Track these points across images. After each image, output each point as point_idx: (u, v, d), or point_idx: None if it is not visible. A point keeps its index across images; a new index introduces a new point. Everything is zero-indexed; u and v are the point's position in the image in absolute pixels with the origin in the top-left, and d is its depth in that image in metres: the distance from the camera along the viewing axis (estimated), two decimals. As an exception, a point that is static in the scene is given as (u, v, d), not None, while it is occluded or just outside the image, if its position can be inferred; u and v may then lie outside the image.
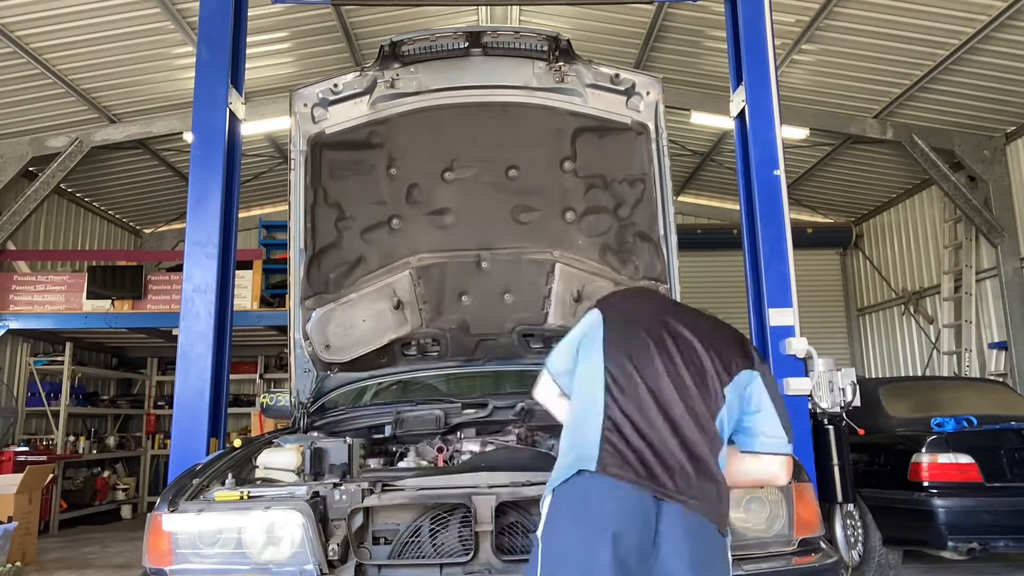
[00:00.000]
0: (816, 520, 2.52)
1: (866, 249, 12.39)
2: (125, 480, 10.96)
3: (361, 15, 7.92)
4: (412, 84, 3.80)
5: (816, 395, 4.02)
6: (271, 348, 11.09)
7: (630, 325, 2.10)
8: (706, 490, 1.88)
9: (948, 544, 4.75)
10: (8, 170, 8.73)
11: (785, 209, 4.33)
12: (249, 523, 2.36)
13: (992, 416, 5.46)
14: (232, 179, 4.31)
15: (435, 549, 2.41)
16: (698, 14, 7.62)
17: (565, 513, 1.85)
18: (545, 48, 3.73)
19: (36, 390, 9.73)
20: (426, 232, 3.93)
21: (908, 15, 7.17)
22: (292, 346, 3.84)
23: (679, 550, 1.79)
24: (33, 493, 7.17)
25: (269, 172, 10.92)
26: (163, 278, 9.52)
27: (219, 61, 4.29)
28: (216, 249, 4.09)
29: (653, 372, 1.99)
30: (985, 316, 9.67)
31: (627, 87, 3.79)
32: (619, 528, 1.77)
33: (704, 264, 11.66)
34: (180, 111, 8.70)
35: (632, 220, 3.91)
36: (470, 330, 4.00)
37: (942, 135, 9.20)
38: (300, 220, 3.76)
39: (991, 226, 9.07)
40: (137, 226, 12.28)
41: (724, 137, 10.14)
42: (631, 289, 3.43)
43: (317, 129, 3.79)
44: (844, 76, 8.39)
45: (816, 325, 10.35)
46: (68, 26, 7.09)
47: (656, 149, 3.83)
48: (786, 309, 4.20)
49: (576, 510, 1.84)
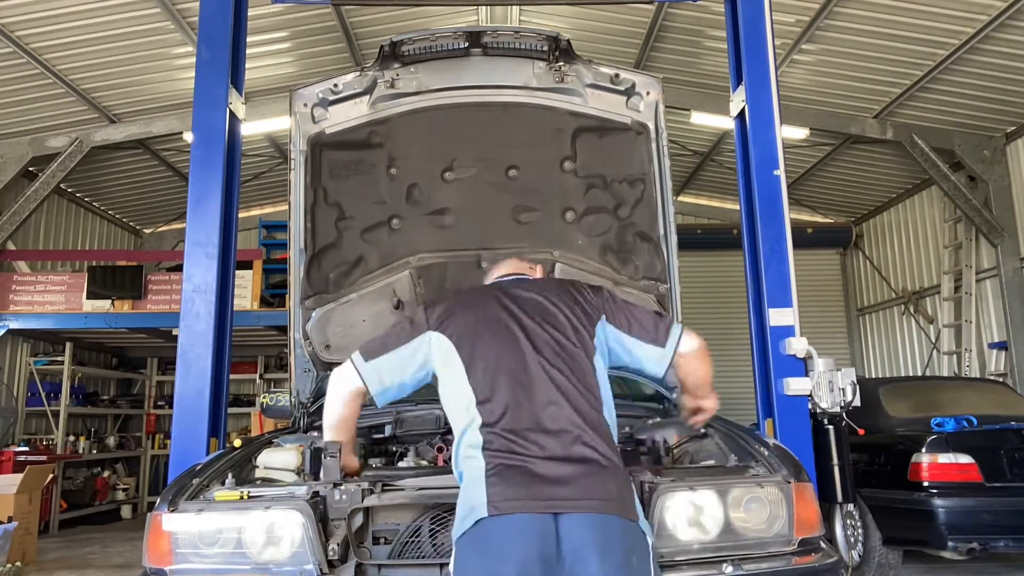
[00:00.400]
0: (816, 520, 2.51)
1: (866, 249, 12.39)
2: (125, 480, 10.96)
3: (361, 15, 7.92)
4: (412, 84, 3.80)
5: (816, 395, 4.02)
6: (271, 348, 11.09)
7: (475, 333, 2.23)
8: (599, 482, 2.00)
9: (948, 544, 4.75)
10: (8, 170, 8.74)
11: (785, 209, 4.33)
12: (249, 523, 2.36)
13: (992, 416, 5.46)
14: (232, 179, 4.30)
15: (435, 549, 2.40)
16: (698, 14, 7.62)
17: (471, 559, 1.96)
18: (545, 48, 3.73)
19: (36, 390, 9.73)
20: (426, 232, 3.93)
21: (908, 15, 7.17)
22: (292, 346, 3.84)
23: (584, 554, 1.90)
24: (33, 493, 7.17)
25: (269, 172, 10.92)
26: (163, 278, 9.53)
27: (219, 61, 4.28)
28: (216, 249, 4.09)
29: (511, 366, 2.13)
30: (985, 316, 9.67)
31: (627, 87, 3.79)
32: (522, 559, 1.89)
33: (704, 264, 11.66)
34: (180, 111, 8.71)
35: (632, 220, 3.91)
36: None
37: (942, 135, 9.20)
38: (300, 220, 3.76)
39: (991, 226, 9.07)
40: (137, 226, 12.28)
41: (724, 137, 10.14)
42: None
43: (317, 129, 3.79)
44: (844, 76, 8.39)
45: (816, 325, 10.34)
46: (68, 26, 7.09)
47: (656, 149, 3.83)
48: (786, 309, 4.20)
49: (480, 554, 1.95)
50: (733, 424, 3.11)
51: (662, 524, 2.35)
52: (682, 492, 2.39)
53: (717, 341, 10.45)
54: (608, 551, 1.92)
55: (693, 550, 2.34)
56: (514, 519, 1.93)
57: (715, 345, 10.09)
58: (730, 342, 10.04)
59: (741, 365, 6.69)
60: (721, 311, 11.02)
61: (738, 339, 6.75)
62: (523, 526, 1.92)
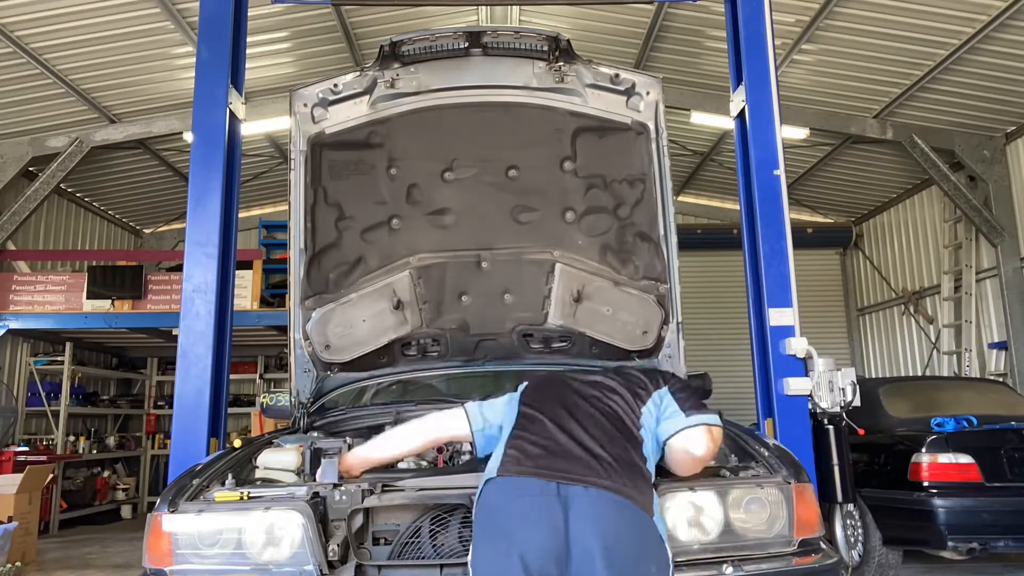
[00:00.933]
0: (816, 520, 2.51)
1: (866, 249, 12.39)
2: (125, 480, 10.97)
3: (361, 15, 7.92)
4: (412, 84, 3.79)
5: (816, 395, 4.01)
6: (271, 348, 11.10)
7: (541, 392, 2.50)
8: (617, 470, 2.10)
9: (948, 544, 4.75)
10: (8, 170, 8.74)
11: (785, 209, 4.32)
12: (249, 524, 2.36)
13: (992, 416, 5.46)
14: (232, 179, 4.30)
15: (435, 549, 2.41)
16: (698, 14, 7.62)
17: (481, 529, 2.08)
18: (545, 48, 3.72)
19: (36, 390, 9.73)
20: (426, 232, 3.92)
21: (908, 15, 7.17)
22: (292, 346, 3.83)
23: (587, 528, 1.95)
24: (33, 493, 7.17)
25: (269, 172, 10.92)
26: (163, 278, 9.52)
27: (219, 61, 4.28)
28: (216, 249, 4.09)
29: (556, 412, 2.33)
30: (985, 316, 9.67)
31: (627, 87, 3.78)
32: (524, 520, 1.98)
33: (704, 264, 11.67)
34: (180, 111, 8.71)
35: (632, 220, 3.90)
36: (470, 330, 4.00)
37: (942, 135, 9.20)
38: (300, 220, 3.76)
39: (991, 226, 9.07)
40: (137, 226, 12.29)
41: (724, 137, 10.14)
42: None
43: (317, 129, 3.78)
44: (844, 76, 8.39)
45: (816, 325, 10.35)
46: (68, 26, 7.09)
47: (656, 149, 3.82)
48: (786, 309, 4.20)
49: (488, 517, 2.07)
50: (733, 424, 3.11)
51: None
52: (682, 492, 2.39)
53: (717, 341, 10.56)
54: (617, 538, 1.95)
55: (693, 551, 2.35)
56: (520, 481, 2.04)
57: (715, 345, 10.19)
58: (730, 342, 10.07)
59: (741, 365, 6.70)
60: (721, 311, 11.03)
61: (738, 339, 6.76)
62: (529, 489, 2.03)
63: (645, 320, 3.84)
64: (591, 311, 3.88)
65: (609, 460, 2.13)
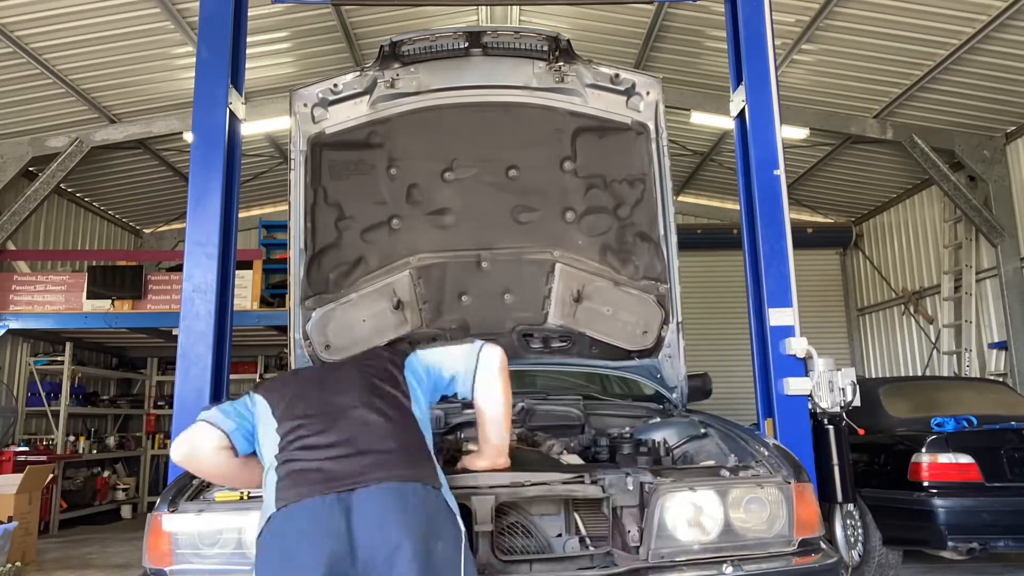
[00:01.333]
0: (816, 520, 2.52)
1: (866, 249, 12.39)
2: (125, 480, 10.97)
3: (361, 15, 7.92)
4: (412, 84, 3.79)
5: (816, 395, 4.01)
6: (271, 348, 11.09)
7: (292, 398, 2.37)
8: (395, 455, 2.07)
9: (948, 544, 4.75)
10: (8, 170, 8.74)
11: (785, 209, 4.32)
12: (249, 523, 2.36)
13: (992, 416, 5.46)
14: (232, 179, 4.29)
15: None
16: (698, 14, 7.62)
17: (270, 556, 1.97)
18: (545, 48, 3.72)
19: (36, 390, 9.74)
20: (426, 232, 3.93)
21: (908, 15, 7.17)
22: (292, 346, 3.83)
23: (370, 524, 1.91)
24: (33, 493, 7.17)
25: (269, 172, 10.92)
26: (163, 278, 9.53)
27: (219, 61, 4.27)
28: (216, 249, 4.08)
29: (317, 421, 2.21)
30: (985, 316, 9.67)
31: (627, 87, 3.78)
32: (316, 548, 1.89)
33: (704, 264, 11.67)
34: (180, 111, 8.71)
35: (632, 220, 3.91)
36: (470, 330, 4.00)
37: (942, 135, 9.20)
38: (300, 220, 3.76)
39: (991, 226, 9.07)
40: (137, 226, 12.29)
41: (724, 137, 10.14)
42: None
43: (317, 129, 3.78)
44: (844, 76, 8.39)
45: (816, 325, 10.34)
46: (68, 26, 7.09)
47: (656, 149, 3.82)
48: (786, 309, 4.19)
49: (278, 552, 1.95)
50: (733, 424, 3.12)
51: (662, 524, 2.36)
52: (682, 492, 2.39)
53: (717, 341, 10.57)
54: (402, 520, 1.93)
55: (693, 551, 2.35)
56: (302, 507, 1.96)
57: (715, 345, 10.19)
58: (730, 342, 10.07)
59: (741, 365, 6.70)
60: (721, 311, 11.03)
61: (738, 339, 6.75)
62: (315, 513, 1.94)
63: (645, 320, 3.84)
64: (591, 311, 3.88)
65: (385, 449, 2.09)
